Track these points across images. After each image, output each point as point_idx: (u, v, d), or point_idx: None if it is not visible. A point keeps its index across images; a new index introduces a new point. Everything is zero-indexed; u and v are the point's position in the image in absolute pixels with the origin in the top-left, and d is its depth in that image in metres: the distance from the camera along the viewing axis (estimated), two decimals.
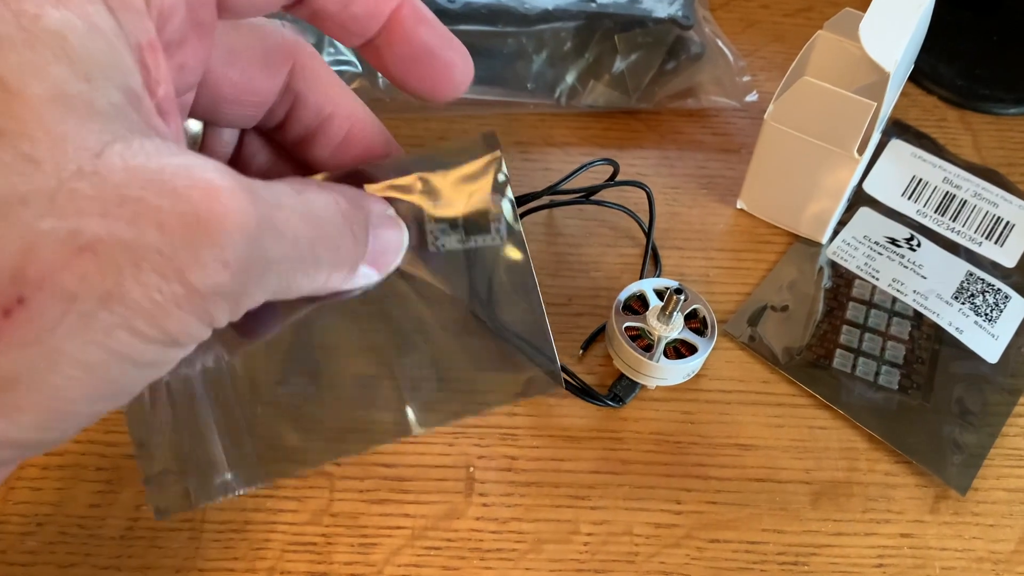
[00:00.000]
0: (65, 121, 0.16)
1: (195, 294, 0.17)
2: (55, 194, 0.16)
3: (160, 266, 0.16)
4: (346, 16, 0.23)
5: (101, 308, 0.16)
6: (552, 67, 0.43)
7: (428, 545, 0.32)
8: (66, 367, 0.17)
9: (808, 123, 0.37)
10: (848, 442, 0.35)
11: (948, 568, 0.32)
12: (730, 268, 0.40)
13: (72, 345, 0.17)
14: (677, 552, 0.32)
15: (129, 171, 0.16)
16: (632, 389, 0.35)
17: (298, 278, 0.20)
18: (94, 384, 0.17)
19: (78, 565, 0.31)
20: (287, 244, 0.19)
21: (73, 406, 0.18)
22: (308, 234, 0.20)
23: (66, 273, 0.16)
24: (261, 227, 0.18)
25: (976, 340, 0.38)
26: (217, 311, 0.18)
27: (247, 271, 0.18)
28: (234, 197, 0.17)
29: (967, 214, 0.42)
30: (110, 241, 0.16)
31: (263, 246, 0.18)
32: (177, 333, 0.18)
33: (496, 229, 0.27)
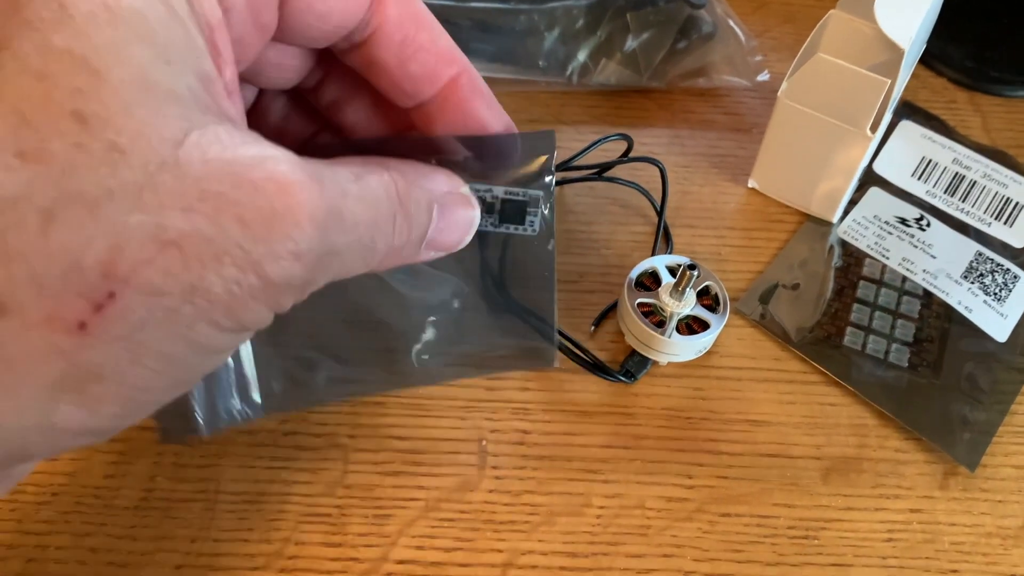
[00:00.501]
0: (147, 107, 0.16)
1: (270, 286, 0.17)
2: (140, 188, 0.16)
3: (239, 260, 0.17)
4: (402, 74, 0.23)
5: (185, 302, 0.17)
6: (564, 45, 0.43)
7: (442, 517, 0.32)
8: (149, 360, 0.17)
9: (821, 101, 0.37)
10: (858, 419, 0.35)
11: (957, 543, 0.33)
12: (741, 247, 0.40)
13: (156, 339, 0.17)
14: (689, 526, 0.32)
15: (207, 163, 0.16)
16: (644, 365, 0.35)
17: (357, 262, 0.20)
18: (172, 373, 0.18)
19: (93, 535, 0.31)
20: (350, 232, 0.19)
21: (151, 395, 0.18)
22: (367, 220, 0.20)
23: (153, 268, 0.16)
24: (329, 218, 0.18)
25: (985, 319, 0.38)
26: (286, 299, 0.18)
27: (317, 261, 0.18)
28: (305, 189, 0.17)
29: (976, 195, 0.42)
30: (193, 236, 0.16)
31: (332, 237, 0.18)
32: (249, 321, 0.18)
33: (531, 222, 0.27)
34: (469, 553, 0.31)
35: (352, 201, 0.19)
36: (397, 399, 0.34)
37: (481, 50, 0.43)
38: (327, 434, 0.33)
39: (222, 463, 0.32)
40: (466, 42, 0.42)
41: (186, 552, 0.31)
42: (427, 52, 0.23)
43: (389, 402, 0.34)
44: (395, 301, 0.30)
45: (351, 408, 0.34)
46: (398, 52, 0.23)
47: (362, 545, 0.31)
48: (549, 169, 0.26)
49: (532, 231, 0.27)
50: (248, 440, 0.33)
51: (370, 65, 0.23)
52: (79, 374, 0.16)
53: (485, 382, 0.35)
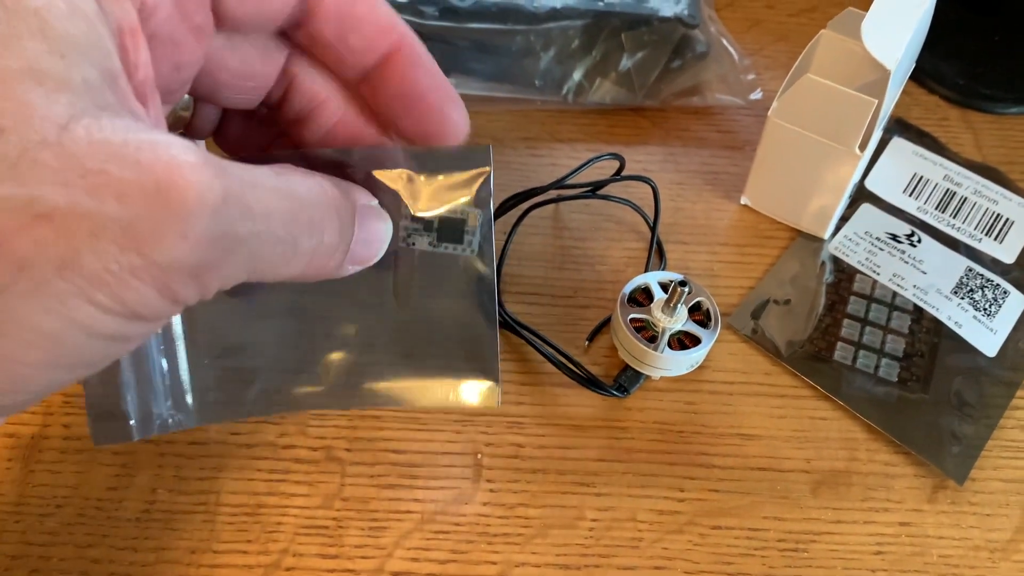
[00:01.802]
0: (34, 93, 0.17)
1: (153, 266, 0.17)
2: (17, 161, 0.16)
3: (117, 237, 0.17)
4: (343, 47, 0.24)
5: (56, 276, 0.17)
6: (560, 64, 0.44)
7: (437, 529, 0.33)
8: (19, 331, 0.17)
9: (811, 120, 0.37)
10: (848, 433, 0.36)
11: (945, 556, 0.33)
12: (734, 262, 0.41)
13: (26, 310, 0.17)
14: (680, 538, 0.33)
15: (93, 144, 0.17)
16: (637, 379, 0.36)
17: (275, 260, 0.20)
18: (50, 351, 0.18)
19: (96, 546, 0.31)
20: (259, 222, 0.19)
21: (28, 371, 0.18)
22: (284, 214, 0.20)
23: (20, 238, 0.16)
24: (228, 203, 0.18)
25: (975, 334, 0.38)
26: (179, 286, 0.18)
27: (211, 246, 0.18)
28: (197, 171, 0.17)
29: (967, 211, 0.43)
30: (68, 210, 0.16)
31: (229, 222, 0.18)
32: (136, 305, 0.18)
33: (469, 242, 0.27)
34: (463, 565, 0.32)
35: (264, 192, 0.19)
36: (394, 413, 0.35)
37: (478, 70, 0.44)
38: (324, 447, 0.34)
39: (221, 476, 0.33)
40: (464, 62, 0.43)
41: (187, 563, 0.31)
42: (365, 22, 0.24)
43: (386, 416, 0.35)
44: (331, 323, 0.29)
45: (348, 422, 0.35)
46: (337, 26, 0.23)
47: (358, 557, 0.32)
48: (486, 184, 0.26)
49: (471, 251, 0.27)
50: (247, 453, 0.34)
51: (312, 42, 0.24)
52: None
53: None
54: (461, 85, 0.44)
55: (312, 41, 0.24)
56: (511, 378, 0.36)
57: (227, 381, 0.29)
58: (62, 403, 0.34)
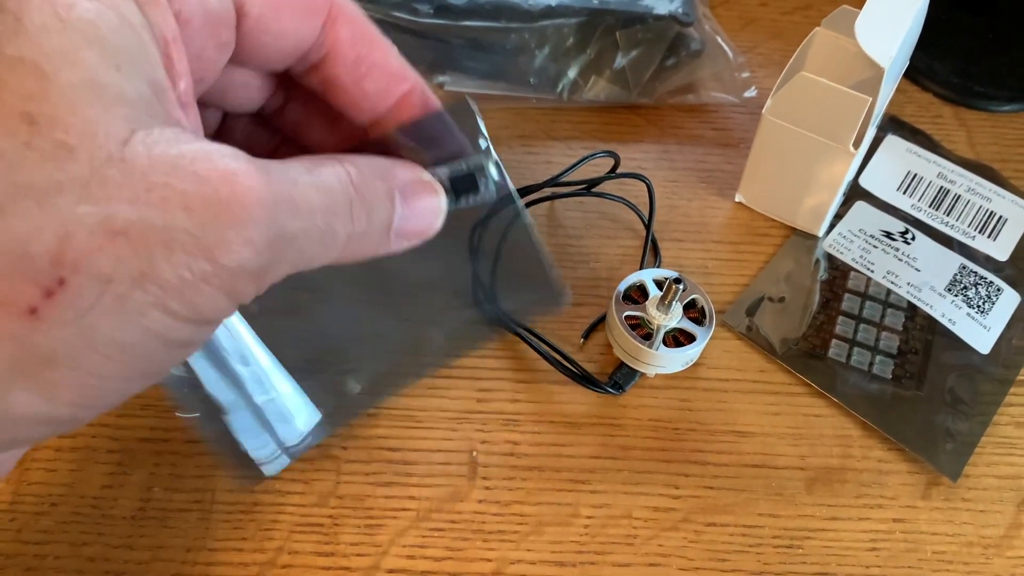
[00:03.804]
0: (95, 108, 0.17)
1: (222, 271, 0.18)
2: (89, 181, 0.17)
3: (189, 246, 0.17)
4: (358, 91, 0.24)
5: (135, 288, 0.17)
6: (554, 62, 0.44)
7: (432, 527, 0.33)
8: (102, 346, 0.18)
9: (805, 118, 0.37)
10: (842, 430, 0.36)
11: (939, 552, 0.33)
12: (728, 260, 0.41)
13: (108, 325, 0.17)
14: (675, 535, 0.33)
15: (153, 158, 0.17)
16: (632, 377, 0.36)
17: (317, 249, 0.21)
18: (129, 362, 0.18)
19: (91, 544, 0.31)
20: (305, 218, 0.20)
21: (108, 383, 0.18)
22: (322, 206, 0.20)
23: (102, 256, 0.17)
24: (279, 204, 0.19)
25: (968, 331, 0.38)
26: (243, 286, 0.19)
27: (270, 247, 0.19)
28: (250, 177, 0.18)
29: (961, 208, 0.43)
30: (141, 225, 0.17)
31: (282, 222, 0.19)
32: (206, 310, 0.18)
33: (484, 185, 0.27)
34: (459, 562, 0.32)
35: (304, 188, 0.20)
36: (388, 411, 0.35)
37: (473, 68, 0.44)
38: (320, 445, 0.34)
39: (217, 474, 0.33)
40: (459, 60, 0.43)
41: (182, 561, 0.31)
42: (380, 69, 0.24)
43: (381, 414, 0.35)
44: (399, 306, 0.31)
45: None
46: (352, 70, 0.24)
47: (354, 554, 0.32)
48: (480, 133, 0.27)
49: (490, 195, 0.27)
50: None
51: (327, 84, 0.24)
52: (32, 359, 0.17)
53: (475, 394, 0.36)
54: (456, 83, 0.44)
55: (325, 83, 0.24)
56: (506, 375, 0.36)
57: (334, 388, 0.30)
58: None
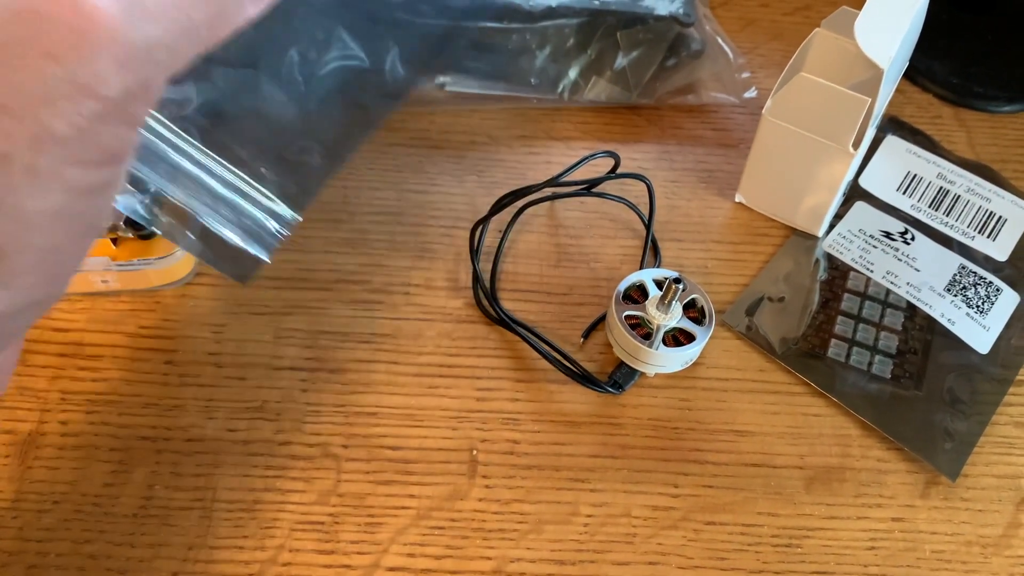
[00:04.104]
0: None
1: (110, 103, 0.17)
2: None
3: (68, 92, 0.17)
4: None
5: (37, 154, 0.17)
6: (555, 63, 0.44)
7: (432, 525, 0.33)
8: (36, 220, 0.17)
9: (805, 118, 0.37)
10: (841, 429, 0.36)
11: (938, 551, 0.33)
12: (728, 260, 0.41)
13: (31, 199, 0.17)
14: (674, 534, 0.33)
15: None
16: (631, 376, 0.36)
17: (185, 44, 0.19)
18: (68, 224, 0.18)
19: (93, 542, 0.32)
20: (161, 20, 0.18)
21: (59, 253, 0.18)
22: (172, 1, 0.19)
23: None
24: (132, 15, 0.18)
25: (968, 331, 0.39)
26: (135, 107, 0.18)
27: (142, 60, 0.18)
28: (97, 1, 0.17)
29: (960, 209, 0.43)
30: (14, 90, 0.16)
31: (143, 33, 0.18)
32: (113, 145, 0.18)
33: None
34: (459, 561, 0.32)
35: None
36: (389, 410, 0.35)
37: (474, 68, 0.44)
38: (320, 444, 0.34)
39: (218, 472, 0.33)
40: (459, 60, 0.44)
41: (183, 559, 0.31)
42: None
43: (382, 412, 0.35)
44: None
45: (344, 419, 0.35)
46: None
47: (354, 552, 0.32)
48: None
49: None
50: (243, 450, 0.34)
51: None
52: None
53: (476, 393, 0.36)
54: (457, 83, 0.44)
55: None
56: (506, 375, 0.37)
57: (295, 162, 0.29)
58: (59, 400, 0.34)
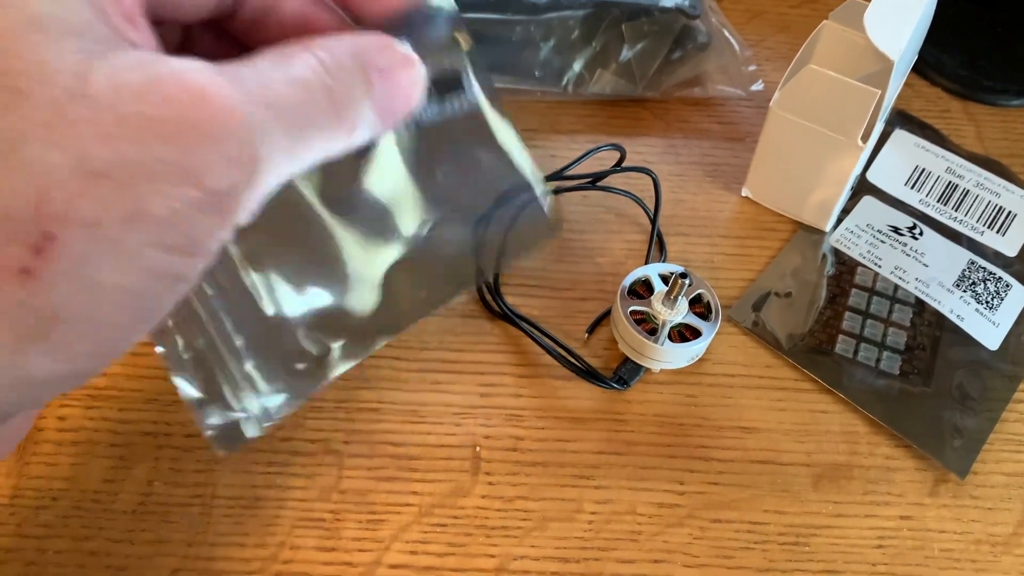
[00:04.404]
0: (40, 46, 0.16)
1: (212, 195, 0.17)
2: (52, 122, 0.16)
3: (173, 176, 0.17)
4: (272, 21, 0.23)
5: (127, 229, 0.16)
6: (559, 55, 0.44)
7: (435, 522, 0.32)
8: (105, 293, 0.17)
9: (813, 111, 0.37)
10: (849, 426, 0.36)
11: (947, 550, 0.33)
12: (735, 255, 0.40)
13: (107, 271, 0.17)
14: (680, 531, 0.33)
15: (117, 88, 0.16)
16: (636, 372, 0.36)
17: (304, 148, 0.20)
18: (134, 305, 0.18)
19: (92, 538, 0.31)
20: (283, 119, 0.19)
21: (117, 331, 0.18)
22: (298, 102, 0.19)
23: (85, 201, 0.16)
24: (253, 111, 0.18)
25: (977, 327, 0.38)
26: (235, 205, 0.18)
27: (253, 158, 0.18)
28: (220, 90, 0.17)
29: (969, 203, 0.42)
30: (119, 162, 0.16)
31: (261, 129, 0.18)
32: (202, 237, 0.18)
33: (467, 85, 0.26)
34: (462, 558, 0.32)
35: (277, 87, 0.19)
36: (391, 406, 0.35)
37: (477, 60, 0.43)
38: (322, 440, 0.34)
39: (218, 468, 0.33)
40: None
41: (183, 556, 0.31)
42: None
43: (384, 408, 0.35)
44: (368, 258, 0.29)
45: (346, 414, 0.34)
46: None
47: (356, 550, 0.32)
48: (461, 31, 0.26)
49: (470, 96, 0.26)
50: (244, 446, 0.33)
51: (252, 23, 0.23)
52: (38, 320, 0.17)
53: (479, 389, 0.36)
54: None
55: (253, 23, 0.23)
56: (510, 370, 0.36)
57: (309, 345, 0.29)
58: (58, 395, 0.34)
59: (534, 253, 0.32)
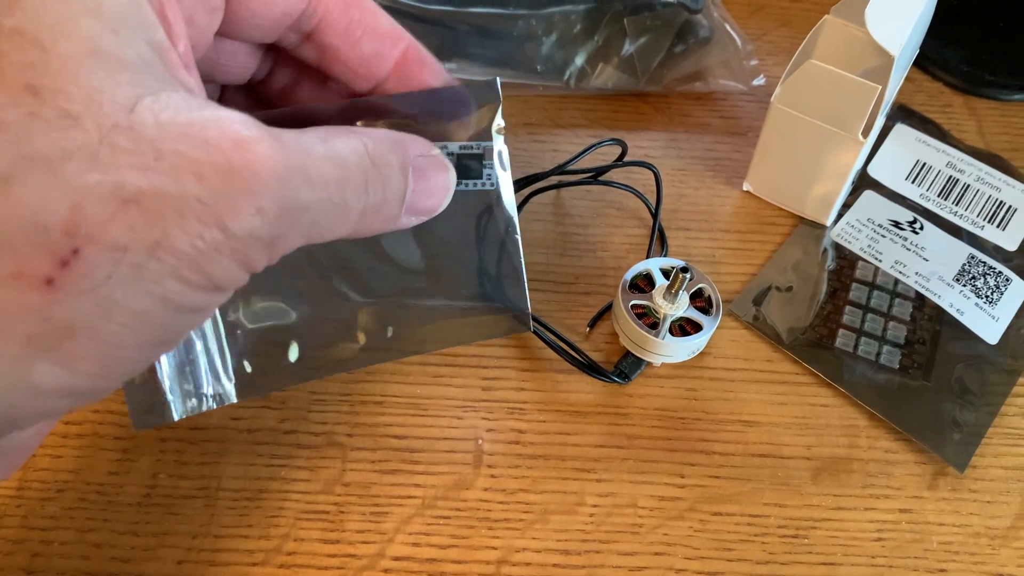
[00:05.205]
0: (97, 75, 0.17)
1: (234, 239, 0.18)
2: (97, 150, 0.17)
3: (201, 214, 0.17)
4: (355, 56, 0.24)
5: (150, 257, 0.17)
6: (562, 49, 0.44)
7: (437, 514, 0.33)
8: (119, 316, 0.17)
9: (814, 106, 0.37)
10: (849, 420, 0.36)
11: (945, 543, 0.33)
12: (736, 249, 0.41)
13: (125, 294, 0.17)
14: (680, 524, 0.33)
15: (161, 125, 0.17)
16: (638, 366, 0.36)
17: (330, 222, 0.20)
18: (145, 331, 0.18)
19: (97, 530, 0.31)
20: (318, 189, 0.19)
21: (127, 353, 0.18)
22: (336, 178, 0.20)
23: (116, 225, 0.17)
24: (290, 173, 0.18)
25: (977, 321, 0.38)
26: (255, 254, 0.19)
27: (281, 216, 0.19)
28: (262, 145, 0.18)
29: (970, 198, 0.42)
30: (153, 193, 0.17)
31: (294, 192, 0.19)
32: (219, 278, 0.18)
33: (488, 176, 0.27)
34: (464, 550, 0.32)
35: (318, 159, 0.20)
36: (394, 399, 0.35)
37: (479, 55, 0.43)
38: (326, 432, 0.34)
39: (223, 461, 0.33)
40: (465, 47, 0.43)
41: (187, 548, 0.31)
42: (374, 31, 0.24)
43: (387, 401, 0.35)
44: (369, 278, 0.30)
45: (350, 407, 0.35)
46: (346, 36, 0.24)
47: (359, 542, 0.32)
48: (497, 117, 0.26)
49: (490, 185, 0.27)
50: (248, 438, 0.34)
51: (323, 53, 0.24)
52: (51, 331, 0.17)
53: (481, 382, 0.36)
54: (462, 70, 0.44)
55: (321, 52, 0.24)
56: (512, 364, 0.36)
57: (264, 348, 0.29)
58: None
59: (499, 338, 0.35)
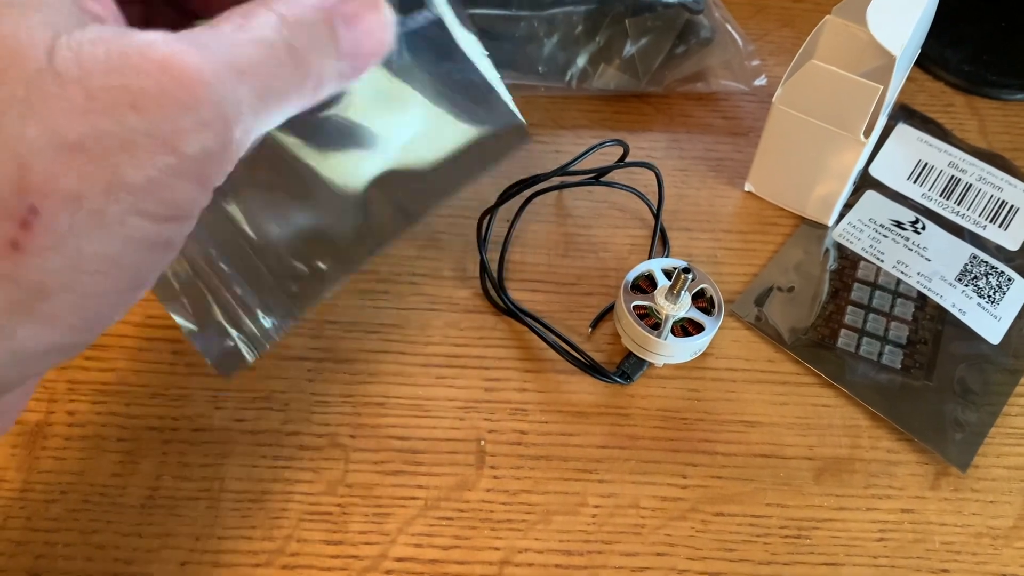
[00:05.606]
0: (9, 21, 0.17)
1: (187, 159, 0.18)
2: (27, 100, 0.16)
3: (148, 145, 0.17)
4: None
5: (107, 200, 0.17)
6: (563, 50, 0.44)
7: (440, 515, 0.33)
8: (89, 264, 0.17)
9: (815, 106, 0.37)
10: (851, 420, 0.36)
11: (948, 543, 0.33)
12: (737, 249, 0.41)
13: (90, 242, 0.17)
14: (682, 525, 0.33)
15: (83, 63, 0.17)
16: (640, 367, 0.36)
17: (277, 102, 0.20)
18: (119, 275, 0.18)
19: (100, 532, 0.32)
20: (250, 79, 0.19)
21: (104, 300, 0.18)
22: (264, 60, 0.19)
23: (66, 175, 0.16)
24: (220, 75, 0.18)
25: (979, 321, 0.38)
26: (211, 168, 0.18)
27: (225, 121, 0.18)
28: (186, 57, 0.17)
29: (972, 198, 0.42)
30: (95, 135, 0.16)
31: (231, 91, 0.18)
32: (181, 203, 0.18)
33: (429, 3, 0.26)
34: (467, 551, 0.32)
35: (241, 48, 0.19)
36: (396, 400, 0.35)
37: None
38: (329, 434, 0.34)
39: (226, 462, 0.33)
40: None
41: (190, 549, 0.31)
42: None
43: (390, 403, 0.35)
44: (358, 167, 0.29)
45: (352, 409, 0.35)
46: None
47: (362, 543, 0.32)
48: None
49: (432, 11, 0.26)
50: (251, 440, 0.34)
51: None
52: (26, 294, 0.17)
53: (483, 383, 0.36)
54: None
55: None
56: (514, 365, 0.36)
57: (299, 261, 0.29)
58: (67, 390, 0.34)
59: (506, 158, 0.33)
